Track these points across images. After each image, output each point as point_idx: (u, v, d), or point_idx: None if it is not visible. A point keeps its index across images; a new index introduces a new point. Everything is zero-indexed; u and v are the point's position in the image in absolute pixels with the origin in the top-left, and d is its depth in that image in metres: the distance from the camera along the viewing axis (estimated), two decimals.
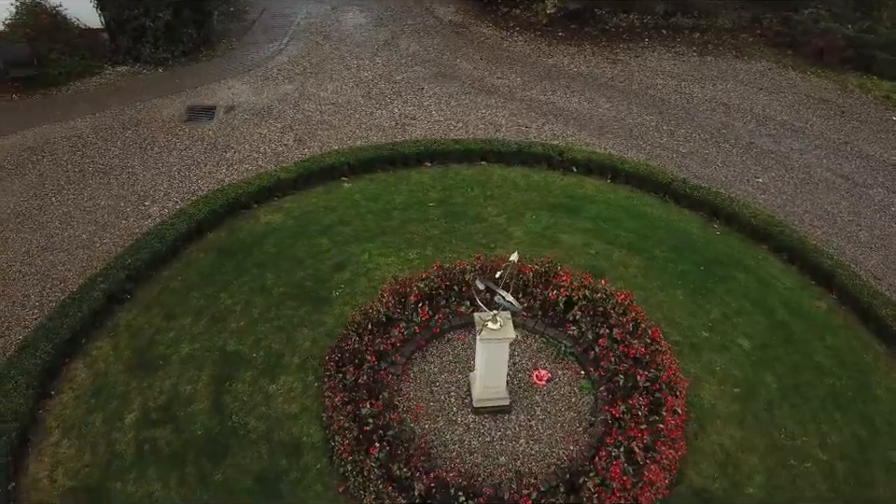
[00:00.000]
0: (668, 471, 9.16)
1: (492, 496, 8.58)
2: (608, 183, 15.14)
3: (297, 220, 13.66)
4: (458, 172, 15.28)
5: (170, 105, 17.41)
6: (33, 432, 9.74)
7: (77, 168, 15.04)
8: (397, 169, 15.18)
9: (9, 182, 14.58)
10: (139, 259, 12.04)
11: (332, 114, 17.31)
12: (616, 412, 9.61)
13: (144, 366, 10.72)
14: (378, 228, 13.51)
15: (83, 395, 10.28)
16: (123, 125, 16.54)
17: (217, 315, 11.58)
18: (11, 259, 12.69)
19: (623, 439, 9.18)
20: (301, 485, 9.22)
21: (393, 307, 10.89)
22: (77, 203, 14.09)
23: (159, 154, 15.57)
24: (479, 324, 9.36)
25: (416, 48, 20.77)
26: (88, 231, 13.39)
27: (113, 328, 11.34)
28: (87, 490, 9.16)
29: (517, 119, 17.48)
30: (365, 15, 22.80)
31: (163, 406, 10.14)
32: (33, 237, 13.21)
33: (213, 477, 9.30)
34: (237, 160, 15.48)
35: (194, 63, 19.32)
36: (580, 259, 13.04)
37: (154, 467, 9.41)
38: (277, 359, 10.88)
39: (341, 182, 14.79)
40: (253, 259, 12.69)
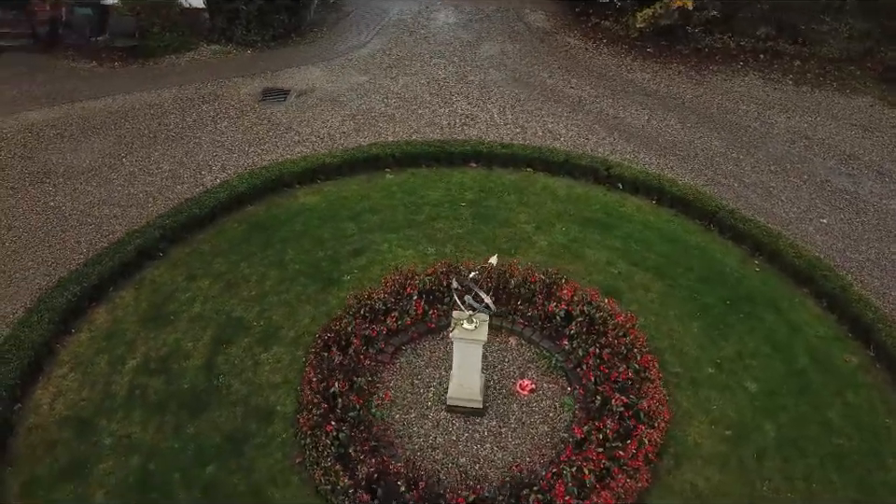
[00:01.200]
0: (623, 501, 8.86)
1: (427, 488, 8.63)
2: (651, 204, 14.67)
3: (331, 204, 14.17)
4: (501, 176, 15.30)
5: (249, 84, 18.45)
6: (46, 363, 10.72)
7: (151, 133, 16.28)
8: (441, 167, 15.38)
9: (91, 140, 16.00)
10: (176, 222, 12.93)
11: (396, 107, 17.74)
12: (580, 431, 9.39)
13: (156, 319, 11.53)
14: (405, 220, 13.78)
15: (97, 337, 11.20)
16: (202, 98, 17.70)
17: (232, 282, 12.25)
18: (73, 209, 13.94)
19: (577, 459, 8.97)
20: (262, 450, 9.66)
21: (389, 296, 11.11)
22: (142, 165, 15.27)
23: (226, 129, 16.57)
24: (454, 322, 9.42)
25: (497, 51, 20.86)
26: (145, 192, 14.49)
27: (139, 280, 12.26)
28: (78, 420, 10.00)
29: (578, 131, 17.24)
30: (456, 15, 23.11)
31: (162, 357, 10.89)
32: (97, 191, 14.45)
33: (186, 429, 9.90)
34: (294, 141, 16.22)
35: (282, 47, 20.32)
36: (598, 276, 12.76)
37: (139, 411, 10.14)
38: (275, 331, 11.39)
39: (384, 173, 15.14)
40: (280, 235, 13.30)
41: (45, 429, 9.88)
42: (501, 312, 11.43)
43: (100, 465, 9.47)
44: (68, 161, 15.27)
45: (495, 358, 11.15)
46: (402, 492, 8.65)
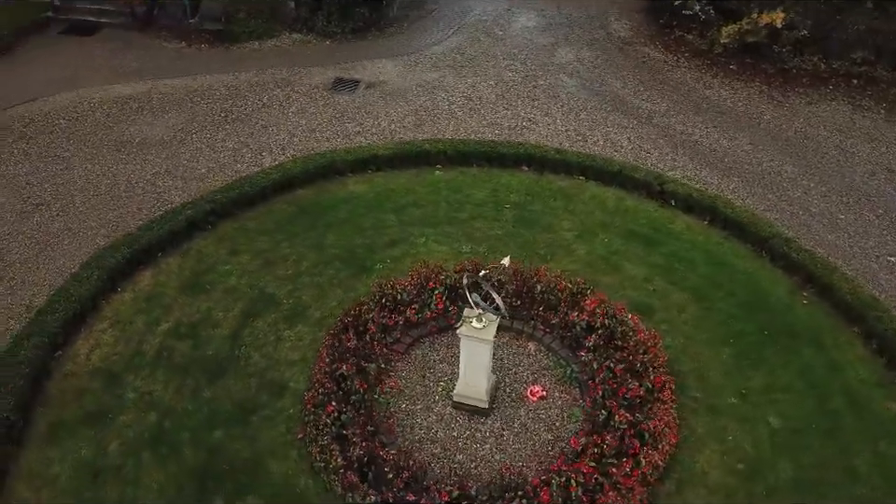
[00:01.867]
0: None
1: (412, 477, 8.73)
2: (703, 224, 14.20)
3: (377, 194, 14.47)
4: (551, 182, 15.18)
5: (322, 73, 19.04)
6: (90, 316, 11.49)
7: (222, 113, 17.09)
8: (492, 167, 15.41)
9: (167, 115, 16.96)
10: (227, 197, 13.55)
11: (460, 106, 17.88)
12: (576, 443, 9.25)
13: (194, 287, 12.15)
14: (446, 217, 13.91)
15: (139, 298, 11.91)
16: (276, 84, 18.41)
17: (270, 260, 12.74)
18: (140, 178, 14.85)
19: (567, 469, 8.85)
20: (269, 422, 10.03)
21: (412, 288, 11.27)
22: (209, 142, 16.06)
23: (293, 114, 17.18)
24: (464, 318, 9.48)
25: (572, 57, 20.67)
26: (207, 167, 15.24)
27: (186, 250, 12.93)
28: (108, 373, 10.69)
29: (641, 144, 16.86)
30: (538, 19, 23.00)
31: (193, 323, 11.47)
32: (164, 163, 15.32)
33: (203, 393, 10.41)
34: (355, 131, 16.64)
35: (360, 40, 20.83)
36: (632, 291, 12.50)
37: (163, 370, 10.73)
38: (303, 310, 11.77)
39: (434, 169, 15.33)
40: (324, 220, 13.71)
41: (78, 378, 10.60)
42: (522, 316, 11.40)
43: (121, 417, 10.08)
44: (144, 133, 16.23)
45: (510, 362, 11.11)
46: (390, 478, 8.77)
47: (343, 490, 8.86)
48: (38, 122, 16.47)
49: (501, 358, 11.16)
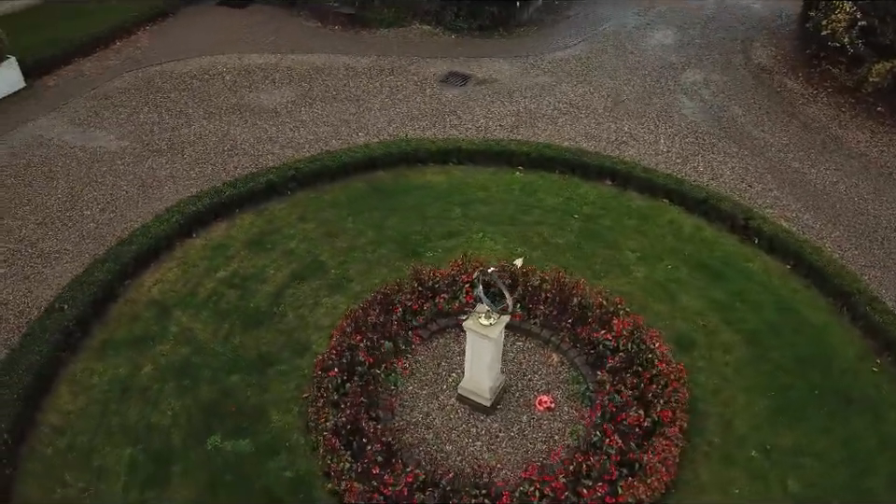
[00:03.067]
0: None
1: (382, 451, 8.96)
2: (784, 268, 13.23)
3: (451, 186, 14.77)
4: (631, 199, 14.75)
5: (437, 65, 19.58)
6: (163, 254, 12.75)
7: (334, 91, 18.09)
8: (573, 176, 15.22)
9: (284, 88, 18.22)
10: (309, 168, 14.41)
11: (563, 113, 17.75)
12: (555, 457, 9.07)
13: (256, 244, 13.08)
14: (511, 218, 13.95)
15: (208, 246, 13.02)
16: (392, 70, 19.19)
17: (332, 231, 13.43)
18: (245, 140, 16.12)
19: (537, 480, 8.72)
20: (282, 377, 10.66)
21: (447, 278, 11.47)
22: (315, 116, 17.09)
23: (398, 100, 17.85)
24: (474, 313, 9.56)
25: (699, 79, 19.80)
26: (305, 138, 16.26)
27: (262, 210, 13.92)
28: (162, 306, 11.82)
29: (745, 175, 15.91)
30: (676, 37, 22.19)
31: (246, 276, 12.37)
32: (270, 130, 16.51)
33: (233, 339, 11.24)
34: (451, 124, 17.01)
35: (485, 38, 21.17)
36: (680, 322, 11.95)
37: (207, 313, 11.69)
38: (346, 282, 12.34)
39: (515, 170, 15.38)
40: (392, 203, 14.22)
41: (136, 305, 11.80)
42: (553, 326, 11.25)
43: (159, 346, 11.12)
44: (260, 101, 17.56)
45: (529, 368, 11.02)
46: (367, 449, 9.08)
47: (325, 452, 9.25)
48: (175, 80, 18.28)
49: (521, 363, 11.10)
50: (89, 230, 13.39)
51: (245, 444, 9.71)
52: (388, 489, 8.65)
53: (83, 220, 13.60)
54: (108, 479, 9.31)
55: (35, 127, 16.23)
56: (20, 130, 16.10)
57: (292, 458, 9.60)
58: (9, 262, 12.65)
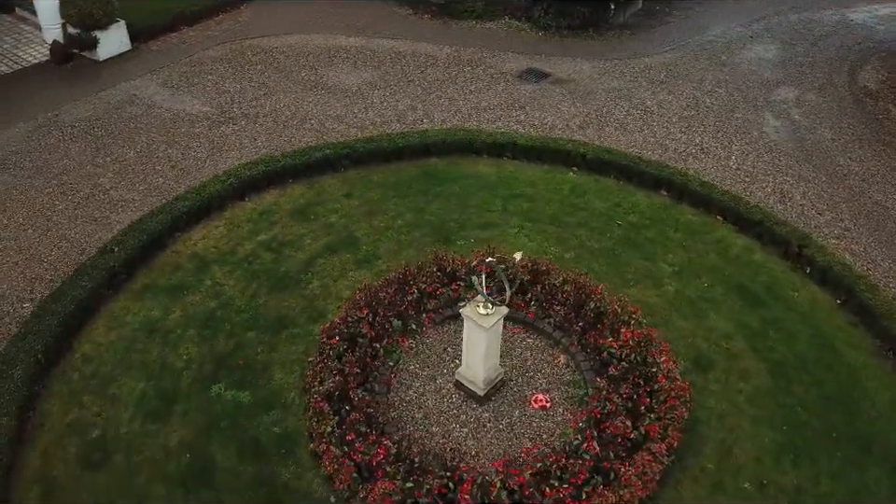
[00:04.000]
0: None
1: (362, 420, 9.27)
2: (833, 303, 12.47)
3: (500, 179, 14.85)
4: (682, 212, 14.30)
5: (517, 61, 19.62)
6: (214, 214, 13.59)
7: (409, 77, 18.54)
8: (628, 183, 14.93)
9: (363, 70, 18.85)
10: (363, 147, 14.92)
11: (635, 119, 17.38)
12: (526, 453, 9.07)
13: (300, 214, 13.72)
14: (550, 217, 13.88)
15: (256, 210, 13.78)
16: (471, 62, 19.41)
17: (372, 210, 13.87)
18: (313, 116, 16.86)
19: (503, 471, 8.77)
20: (293, 339, 11.19)
21: (466, 266, 11.62)
22: (385, 99, 17.59)
23: (471, 91, 18.06)
24: (473, 301, 9.68)
25: (791, 97, 18.81)
26: (371, 119, 16.79)
27: (312, 182, 14.57)
28: (202, 260, 12.64)
29: (817, 202, 15.00)
30: (777, 52, 21.13)
31: (283, 243, 13.02)
32: (339, 108, 17.16)
33: (259, 299, 11.88)
34: (517, 119, 17.05)
35: (572, 38, 20.98)
36: (703, 341, 11.56)
37: (241, 272, 12.41)
38: (373, 259, 12.74)
39: (569, 170, 15.26)
40: (438, 190, 14.48)
41: (180, 256, 12.69)
42: (565, 328, 11.17)
43: (191, 296, 11.93)
44: (338, 80, 18.26)
45: (534, 366, 11.00)
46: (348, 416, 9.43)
47: (312, 413, 9.67)
48: (264, 54, 19.31)
49: (526, 360, 11.10)
50: (157, 184, 14.46)
51: (244, 396, 10.29)
52: (358, 456, 8.93)
53: (153, 175, 14.71)
54: (119, 407, 10.14)
55: (132, 86, 17.63)
56: (118, 87, 17.55)
57: (284, 416, 10.09)
58: (83, 205, 13.87)
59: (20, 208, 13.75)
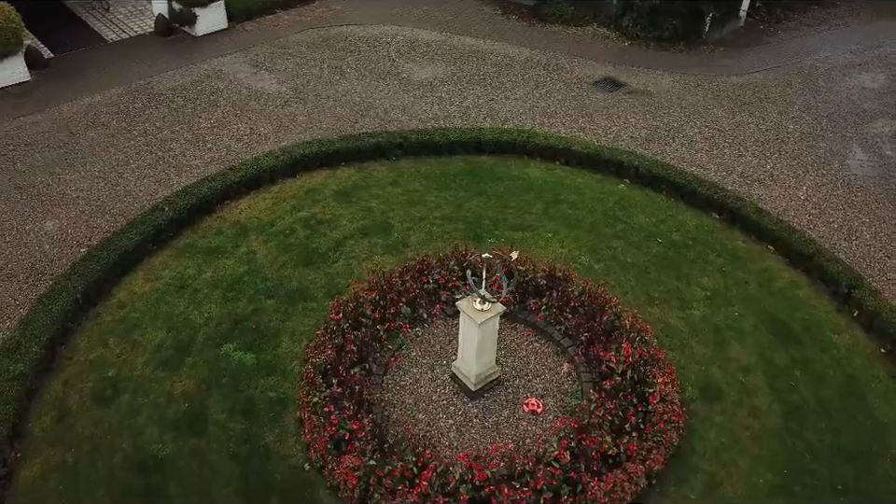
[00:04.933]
0: None
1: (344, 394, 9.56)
2: (879, 350, 11.66)
3: (546, 184, 14.76)
4: (732, 238, 13.72)
5: (595, 68, 19.35)
6: (263, 187, 14.29)
7: (482, 76, 18.68)
8: (679, 201, 14.48)
9: (438, 65, 19.14)
10: (417, 140, 15.26)
11: (706, 138, 16.77)
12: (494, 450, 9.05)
13: (344, 195, 14.19)
14: (589, 225, 13.68)
15: (302, 188, 14.37)
16: (547, 66, 19.32)
17: (413, 200, 14.16)
18: (378, 104, 17.31)
19: (467, 464, 8.81)
20: (308, 312, 11.63)
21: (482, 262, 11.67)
22: (453, 94, 17.82)
23: (540, 95, 18.00)
24: (471, 294, 9.76)
25: (888, 131, 17.54)
26: (434, 113, 17.05)
27: (362, 167, 15.03)
28: (242, 228, 13.32)
29: (888, 244, 13.95)
30: (886, 83, 19.61)
31: (320, 221, 13.53)
32: (406, 100, 17.53)
33: (285, 271, 12.44)
34: (580, 126, 16.85)
35: (659, 49, 20.42)
36: (718, 370, 11.13)
37: (274, 243, 13.01)
38: (401, 246, 13.02)
39: (620, 181, 14.97)
40: (482, 187, 14.58)
41: (223, 222, 13.45)
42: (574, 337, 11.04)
43: (225, 259, 12.63)
44: (411, 73, 18.66)
45: (535, 371, 10.93)
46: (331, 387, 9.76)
47: (306, 383, 10.06)
48: (347, 42, 20.01)
49: (529, 363, 11.05)
50: (220, 155, 15.35)
51: (249, 358, 10.83)
52: (332, 429, 9.22)
53: (220, 145, 15.62)
54: (137, 352, 10.93)
55: (220, 62, 18.76)
56: (207, 62, 18.72)
57: (282, 382, 10.54)
58: (153, 166, 14.95)
59: (97, 162, 14.97)
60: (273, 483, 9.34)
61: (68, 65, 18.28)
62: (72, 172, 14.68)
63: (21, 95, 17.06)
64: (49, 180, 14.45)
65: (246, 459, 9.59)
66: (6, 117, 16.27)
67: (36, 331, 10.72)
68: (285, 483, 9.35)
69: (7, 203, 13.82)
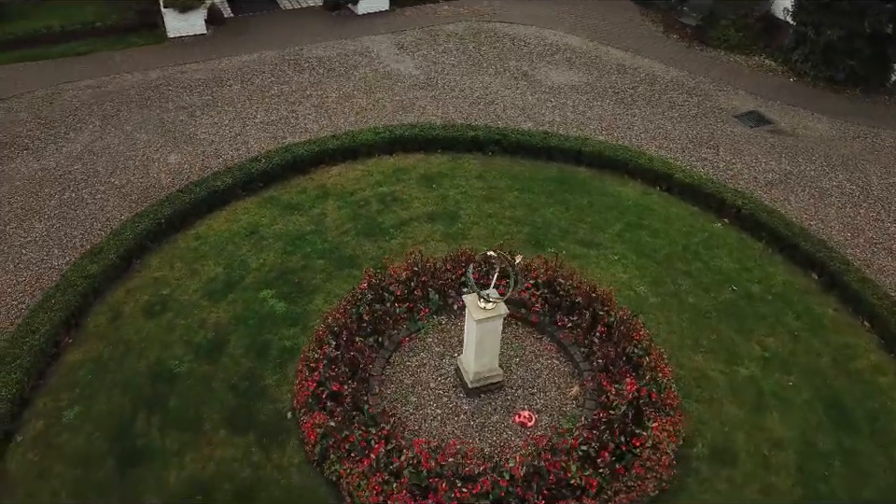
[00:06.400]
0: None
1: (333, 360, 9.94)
2: None
3: (634, 205, 14.12)
4: (820, 303, 12.31)
5: (743, 100, 18.02)
6: (360, 158, 15.00)
7: (616, 90, 18.11)
8: (777, 252, 13.24)
9: (573, 72, 18.82)
10: (515, 140, 15.28)
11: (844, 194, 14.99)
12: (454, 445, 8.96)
13: (427, 180, 14.55)
14: (662, 257, 12.94)
15: (394, 166, 14.91)
16: (689, 90, 18.27)
17: (491, 196, 14.19)
18: (502, 101, 17.41)
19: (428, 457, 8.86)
20: (350, 279, 12.07)
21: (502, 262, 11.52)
22: (579, 104, 17.46)
23: (670, 117, 17.10)
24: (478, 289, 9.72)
25: None
26: (549, 119, 16.85)
27: (457, 157, 15.27)
28: (324, 191, 14.12)
29: None
30: None
31: (395, 199, 13.99)
32: (530, 99, 17.48)
33: (345, 237, 13.04)
34: (702, 156, 15.78)
35: (830, 90, 18.52)
36: (743, 437, 10.15)
37: (346, 211, 13.66)
38: (460, 237, 13.13)
39: (720, 220, 13.94)
40: (566, 197, 14.25)
41: (310, 183, 14.34)
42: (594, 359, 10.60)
43: (298, 216, 13.48)
44: (541, 77, 18.53)
45: (544, 386, 10.58)
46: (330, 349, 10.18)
47: (314, 339, 10.58)
48: (494, 37, 20.28)
49: (539, 376, 10.74)
50: (337, 122, 16.34)
51: (281, 307, 11.57)
52: (314, 384, 9.65)
53: (338, 115, 16.61)
54: (193, 279, 12.09)
55: (370, 40, 19.87)
56: (359, 39, 19.92)
57: (299, 334, 11.14)
58: (274, 123, 16.25)
59: (231, 112, 16.58)
60: (256, 422, 9.96)
61: (241, 26, 20.32)
62: (207, 117, 16.38)
63: (194, 45, 19.27)
64: (189, 121, 16.24)
65: (243, 394, 10.29)
66: (175, 62, 18.48)
67: (119, 243, 12.22)
68: (266, 425, 9.93)
69: (147, 134, 15.76)
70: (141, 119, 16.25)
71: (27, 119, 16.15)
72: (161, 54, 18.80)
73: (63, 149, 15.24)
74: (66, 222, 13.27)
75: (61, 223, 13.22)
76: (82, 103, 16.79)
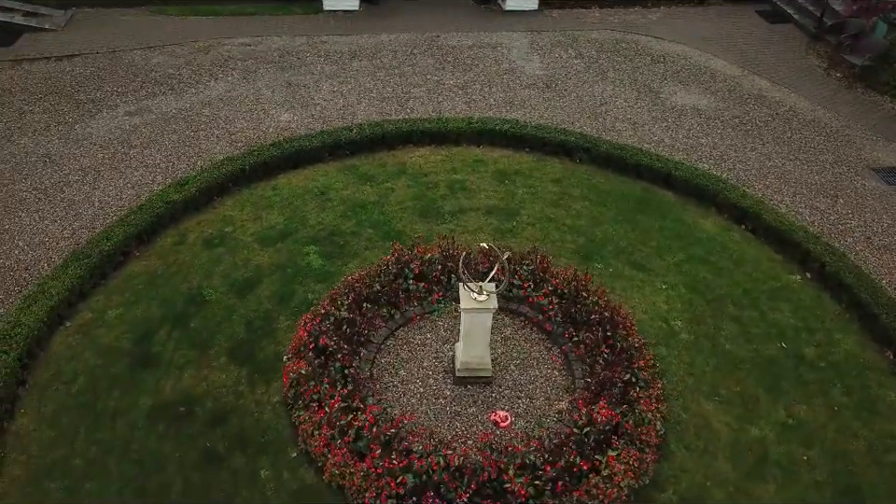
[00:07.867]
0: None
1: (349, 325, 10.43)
2: None
3: (710, 239, 13.23)
4: (887, 384, 10.88)
5: (890, 155, 16.08)
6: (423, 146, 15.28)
7: (742, 121, 16.89)
8: (854, 319, 11.83)
9: (697, 96, 17.78)
10: (604, 151, 14.84)
11: None
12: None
13: (501, 175, 14.58)
14: (716, 296, 12.08)
15: (475, 157, 15.09)
16: (831, 134, 16.60)
17: (558, 202, 13.94)
18: (611, 110, 16.96)
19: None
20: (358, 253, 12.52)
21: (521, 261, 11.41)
22: (690, 128, 16.57)
23: (794, 158, 15.66)
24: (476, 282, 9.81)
25: None
26: (657, 138, 16.14)
27: (541, 159, 15.14)
28: (402, 169, 14.65)
29: None
30: None
31: (462, 188, 14.18)
32: (638, 117, 16.87)
33: (400, 213, 13.49)
34: (814, 205, 14.36)
35: None
36: (716, 492, 9.30)
37: (414, 190, 14.09)
38: (509, 235, 13.05)
39: (801, 274, 12.73)
40: (638, 217, 13.64)
41: (392, 159, 14.93)
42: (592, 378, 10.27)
43: (368, 187, 14.12)
44: (666, 94, 17.71)
45: (532, 393, 10.38)
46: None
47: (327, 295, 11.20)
48: (632, 50, 19.68)
49: (534, 381, 10.53)
50: (439, 108, 16.82)
51: (318, 263, 12.28)
52: (306, 333, 10.24)
53: (446, 101, 17.08)
54: (255, 224, 13.10)
55: (506, 36, 20.12)
56: (496, 33, 20.24)
57: (323, 291, 11.71)
58: (386, 100, 17.07)
59: (350, 83, 17.66)
60: (255, 358, 10.74)
61: (393, 7, 21.43)
62: (329, 85, 17.58)
63: (343, 20, 20.68)
64: (312, 86, 17.54)
65: (254, 331, 11.14)
66: (321, 32, 19.97)
67: (203, 179, 13.61)
68: (262, 363, 10.68)
69: (272, 92, 17.26)
70: (272, 79, 17.78)
71: (182, 64, 18.29)
72: (313, 24, 20.37)
73: (200, 94, 17.10)
74: (177, 156, 14.94)
75: (172, 156, 14.93)
76: (231, 56, 18.68)
